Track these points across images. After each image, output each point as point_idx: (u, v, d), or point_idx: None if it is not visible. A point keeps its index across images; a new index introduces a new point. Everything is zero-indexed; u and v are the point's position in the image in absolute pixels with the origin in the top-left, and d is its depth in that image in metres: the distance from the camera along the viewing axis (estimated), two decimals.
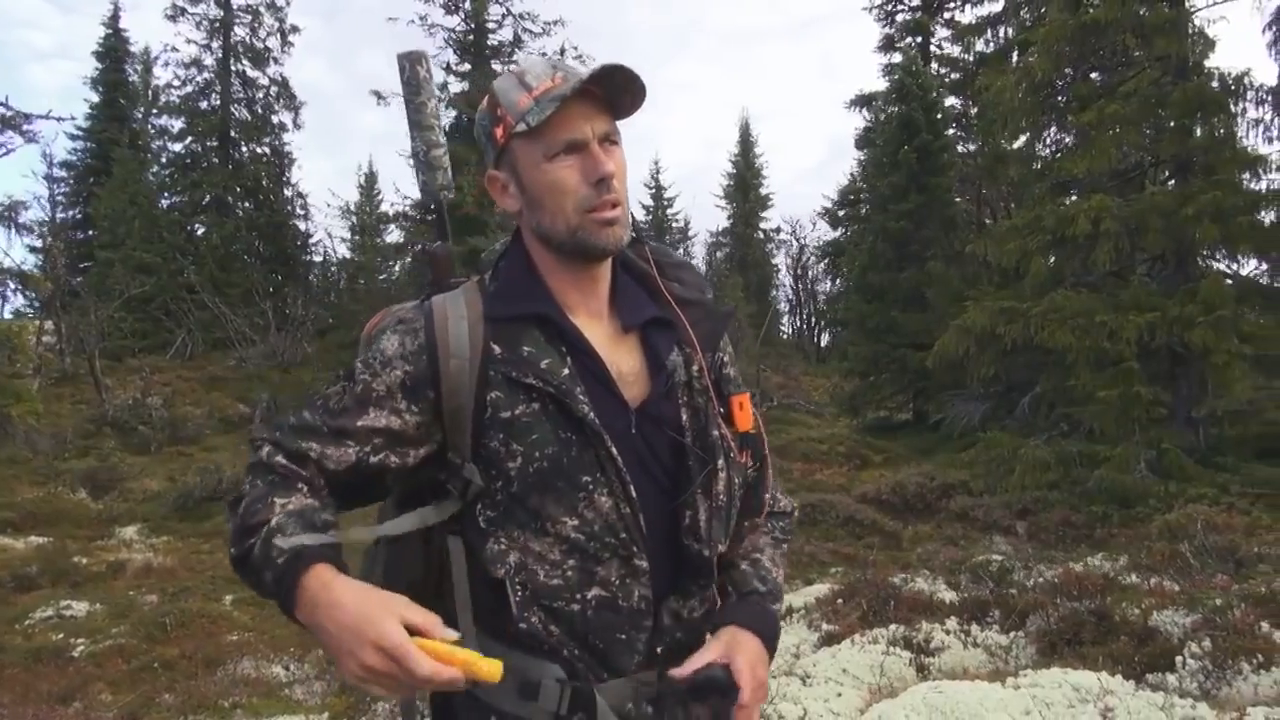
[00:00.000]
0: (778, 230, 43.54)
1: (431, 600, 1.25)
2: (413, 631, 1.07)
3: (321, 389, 1.32)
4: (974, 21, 24.67)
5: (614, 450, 1.25)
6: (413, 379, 1.26)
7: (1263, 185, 13.63)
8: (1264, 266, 14.44)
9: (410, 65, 1.55)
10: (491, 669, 1.07)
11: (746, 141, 42.71)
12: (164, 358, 24.37)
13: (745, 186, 41.92)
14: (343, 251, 34.47)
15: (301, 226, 31.31)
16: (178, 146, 30.20)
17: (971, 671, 5.95)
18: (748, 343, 30.69)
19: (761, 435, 1.40)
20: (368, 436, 1.26)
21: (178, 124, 29.84)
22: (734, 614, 1.35)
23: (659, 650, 1.29)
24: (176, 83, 29.54)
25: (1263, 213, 13.34)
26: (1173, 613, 6.06)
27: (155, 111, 31.26)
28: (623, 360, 1.33)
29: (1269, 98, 13.49)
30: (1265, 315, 13.06)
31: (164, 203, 29.43)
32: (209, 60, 29.28)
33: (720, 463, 1.32)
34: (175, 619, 7.84)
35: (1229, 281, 13.17)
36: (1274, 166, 13.86)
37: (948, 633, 6.66)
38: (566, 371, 1.26)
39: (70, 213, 31.41)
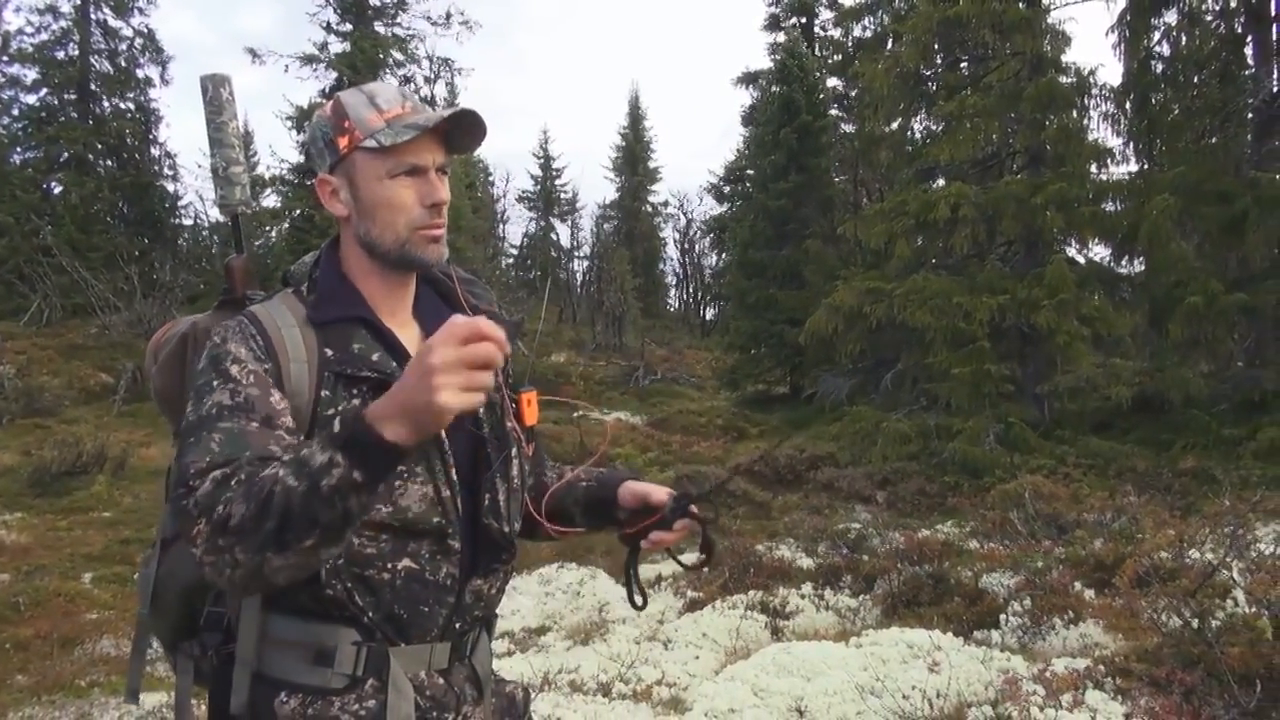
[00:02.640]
0: (666, 204, 43.94)
1: None
2: None
3: (203, 414, 1.26)
4: (854, 5, 25.31)
5: (442, 434, 1.32)
6: (273, 377, 1.31)
7: (1107, 176, 14.66)
8: (1108, 251, 15.50)
9: (213, 87, 1.66)
10: None
11: (636, 114, 42.81)
12: (18, 324, 22.97)
13: (634, 159, 42.06)
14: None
15: (170, 188, 29.85)
16: (31, 98, 28.24)
17: (821, 632, 6.35)
18: (633, 315, 31.00)
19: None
20: (292, 420, 1.28)
21: (31, 74, 27.93)
22: (614, 477, 1.57)
23: (456, 625, 1.40)
24: (30, 29, 27.66)
25: (1107, 202, 14.33)
26: (1001, 575, 6.58)
27: (5, 59, 29.16)
28: None
29: (1112, 95, 14.45)
30: (1104, 297, 14.07)
31: (16, 158, 27.59)
32: (66, 7, 27.53)
33: (514, 451, 1.47)
34: (30, 598, 7.57)
35: (1074, 266, 14.10)
36: (1119, 158, 14.95)
37: (803, 597, 7.07)
38: (394, 364, 1.36)
39: None
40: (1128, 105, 14.69)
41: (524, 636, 6.90)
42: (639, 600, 1.53)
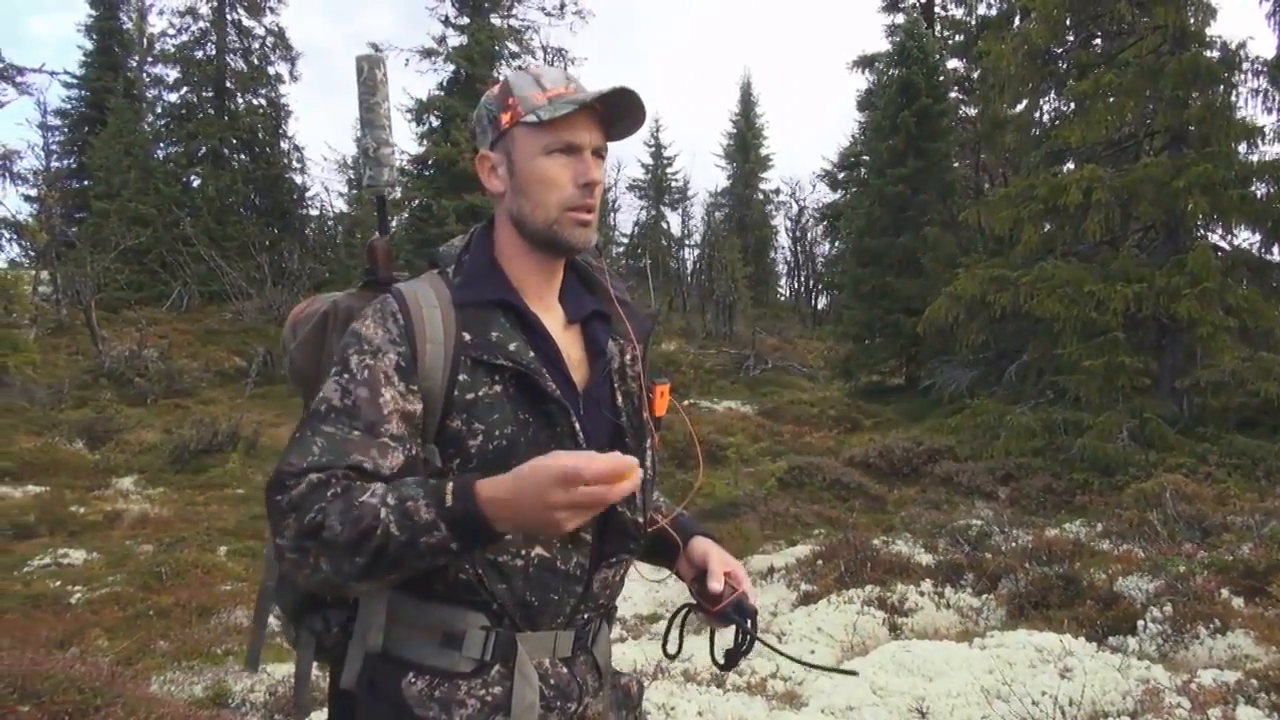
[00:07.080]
0: (777, 192, 43.37)
1: None
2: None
3: (314, 409, 1.30)
4: None
5: (576, 425, 1.34)
6: (405, 361, 1.31)
7: (1256, 157, 13.67)
8: (1258, 237, 14.48)
9: (369, 67, 1.67)
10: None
11: (748, 101, 42.38)
12: (160, 310, 24.43)
13: (745, 147, 41.66)
14: (339, 206, 34.23)
15: (298, 180, 31.24)
16: (173, 96, 30.00)
17: (942, 631, 6.14)
18: (744, 304, 30.75)
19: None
20: (399, 424, 1.28)
21: (173, 73, 29.67)
22: (692, 528, 1.58)
23: (581, 615, 1.40)
24: (171, 31, 29.35)
25: (1256, 185, 13.37)
26: (1138, 578, 6.23)
27: (150, 60, 30.98)
28: (570, 348, 1.43)
29: (1265, 69, 13.44)
30: (1253, 287, 13.13)
31: (159, 153, 29.28)
32: (204, 9, 29.06)
33: (647, 443, 1.46)
34: (170, 568, 7.97)
35: (1219, 253, 13.22)
36: (1270, 138, 13.90)
37: (922, 594, 6.84)
38: (532, 354, 1.36)
39: (65, 161, 31.22)
40: None
41: (636, 623, 6.90)
42: (671, 649, 1.58)
